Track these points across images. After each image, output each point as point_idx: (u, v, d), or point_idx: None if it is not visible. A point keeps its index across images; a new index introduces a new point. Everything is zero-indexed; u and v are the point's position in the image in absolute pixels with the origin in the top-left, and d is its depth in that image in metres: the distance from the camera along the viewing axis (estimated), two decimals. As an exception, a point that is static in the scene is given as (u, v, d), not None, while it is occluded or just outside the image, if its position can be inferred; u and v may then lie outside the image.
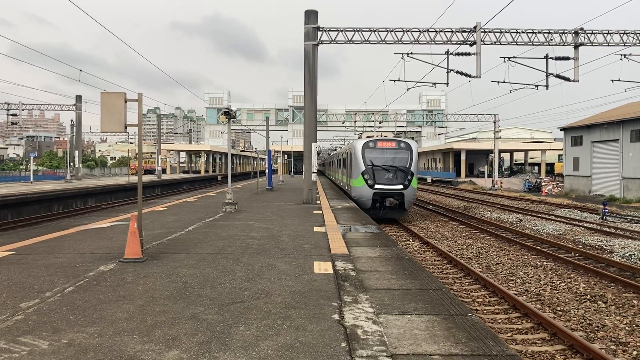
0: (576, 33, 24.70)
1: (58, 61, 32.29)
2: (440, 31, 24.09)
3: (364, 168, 23.66)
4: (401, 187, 23.30)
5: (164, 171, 75.04)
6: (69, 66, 34.23)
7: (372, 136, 26.61)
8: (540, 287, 12.32)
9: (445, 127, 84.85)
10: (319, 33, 23.14)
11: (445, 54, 24.62)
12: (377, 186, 23.36)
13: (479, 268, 14.36)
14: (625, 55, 25.79)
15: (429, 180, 78.32)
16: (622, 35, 24.98)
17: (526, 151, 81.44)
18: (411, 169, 23.57)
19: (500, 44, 24.42)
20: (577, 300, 11.21)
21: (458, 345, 5.06)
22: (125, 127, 9.66)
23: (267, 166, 39.27)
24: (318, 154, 32.33)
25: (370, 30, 24.07)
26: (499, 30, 24.40)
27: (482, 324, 5.78)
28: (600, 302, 11.06)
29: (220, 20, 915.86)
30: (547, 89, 26.54)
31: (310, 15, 22.88)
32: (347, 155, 29.08)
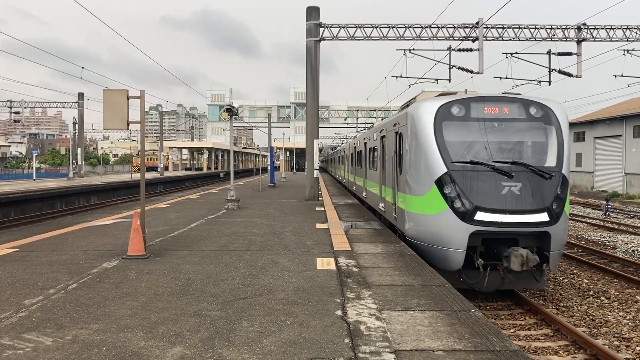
0: (579, 28, 24.62)
1: (58, 57, 32.26)
2: (443, 27, 24.02)
3: (445, 169, 10.24)
4: (544, 216, 9.87)
5: (166, 168, 75.12)
6: (71, 63, 34.21)
7: (455, 92, 12.41)
8: (543, 283, 12.30)
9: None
10: (321, 29, 23.09)
11: (448, 50, 24.55)
12: (480, 216, 9.86)
13: (482, 264, 14.33)
14: (628, 51, 25.70)
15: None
16: (625, 30, 24.89)
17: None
18: (562, 171, 10.32)
19: (503, 40, 24.35)
20: (580, 296, 11.21)
21: (461, 341, 5.06)
22: (128, 125, 9.67)
23: (269, 163, 39.29)
24: (320, 150, 28.67)
25: (372, 27, 24.01)
26: (501, 26, 24.33)
27: (485, 319, 5.77)
28: (603, 298, 11.05)
29: (210, 15, 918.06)
30: (549, 84, 26.44)
31: (312, 12, 22.83)
32: (384, 138, 15.20)
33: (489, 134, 10.51)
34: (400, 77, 27.34)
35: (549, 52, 25.24)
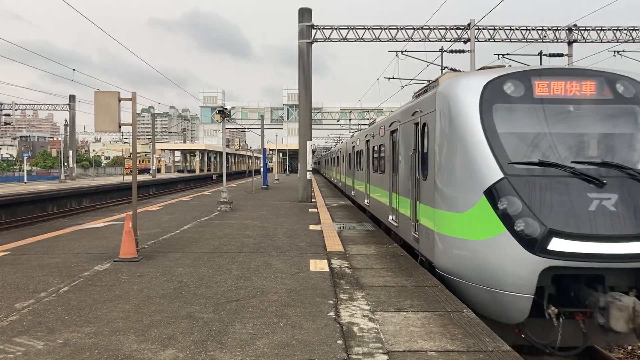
0: (570, 30, 24.80)
1: (49, 60, 32.11)
2: (434, 28, 24.13)
3: (500, 174, 7.01)
4: None
5: (158, 170, 74.89)
6: (61, 65, 34.06)
7: (502, 66, 10.54)
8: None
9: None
10: (313, 31, 23.10)
11: (440, 51, 24.66)
12: (557, 244, 6.52)
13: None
14: (618, 52, 25.91)
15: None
16: (615, 32, 25.09)
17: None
18: None
19: (494, 41, 24.50)
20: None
21: (454, 342, 5.07)
22: (120, 127, 9.64)
23: (262, 165, 39.25)
24: (313, 152, 28.12)
25: (365, 28, 24.07)
26: (492, 27, 24.47)
27: (477, 320, 5.79)
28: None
29: (200, 16, 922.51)
30: (541, 85, 26.57)
31: (304, 13, 22.84)
32: (395, 134, 12.26)
33: (561, 121, 7.36)
34: (393, 78, 27.43)
35: (540, 53, 25.39)
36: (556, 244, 6.47)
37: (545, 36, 24.76)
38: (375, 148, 15.57)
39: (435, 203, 8.20)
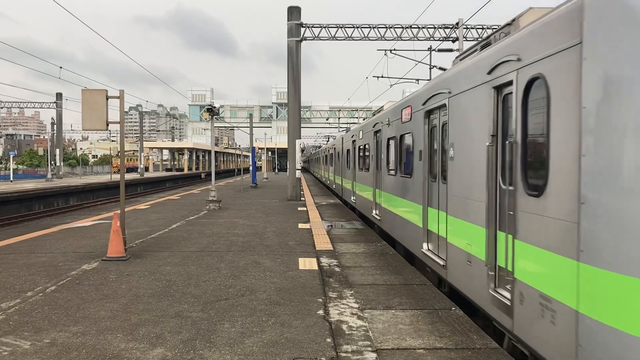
0: (557, 29, 25.00)
1: (36, 57, 31.75)
2: (423, 27, 24.22)
3: None
4: None
5: (146, 169, 74.42)
6: (48, 62, 33.68)
7: None
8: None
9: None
10: (302, 29, 23.08)
11: (428, 50, 24.74)
12: None
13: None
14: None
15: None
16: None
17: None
18: None
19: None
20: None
21: (442, 339, 5.10)
22: (107, 125, 9.56)
23: (251, 163, 39.16)
24: (302, 150, 27.98)
25: (354, 27, 24.08)
26: (481, 27, 24.60)
27: (466, 318, 5.83)
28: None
29: (186, 14, 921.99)
30: (528, 85, 26.74)
31: (293, 12, 22.81)
32: (435, 115, 8.06)
33: None
34: (382, 77, 27.47)
35: (527, 53, 25.52)
36: None
37: (532, 36, 24.94)
38: (393, 141, 11.31)
39: (580, 252, 3.75)
